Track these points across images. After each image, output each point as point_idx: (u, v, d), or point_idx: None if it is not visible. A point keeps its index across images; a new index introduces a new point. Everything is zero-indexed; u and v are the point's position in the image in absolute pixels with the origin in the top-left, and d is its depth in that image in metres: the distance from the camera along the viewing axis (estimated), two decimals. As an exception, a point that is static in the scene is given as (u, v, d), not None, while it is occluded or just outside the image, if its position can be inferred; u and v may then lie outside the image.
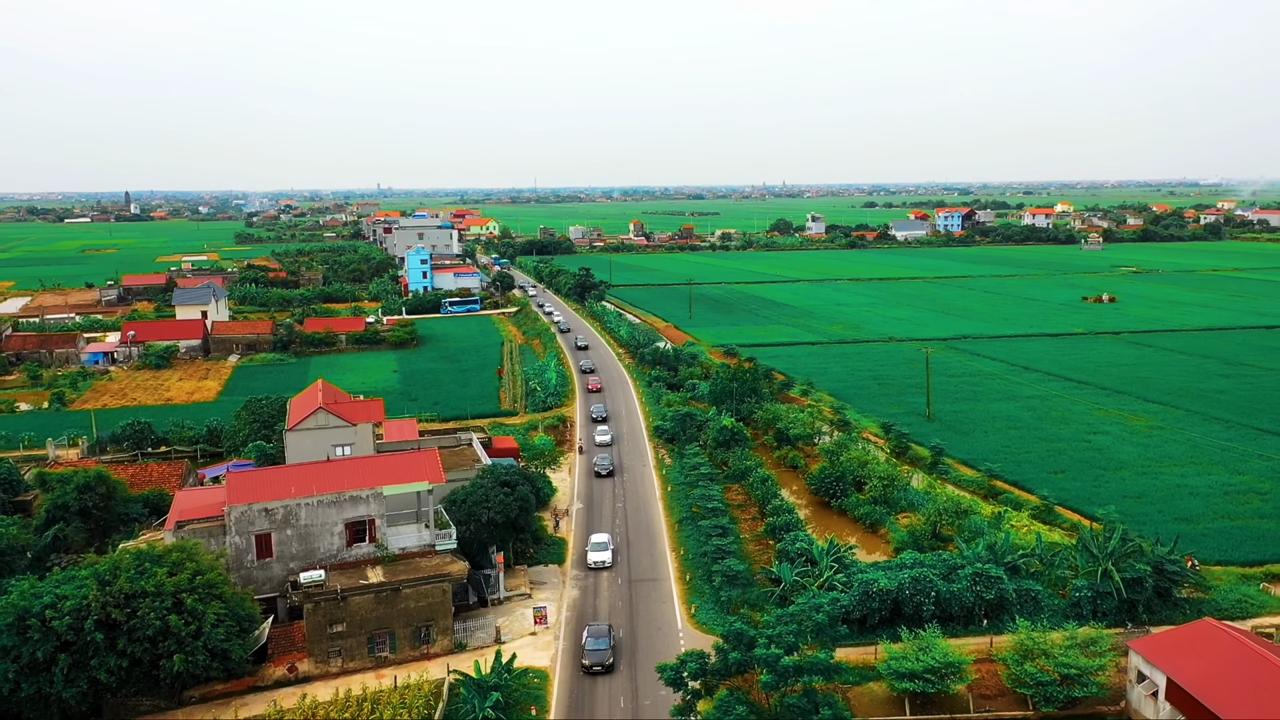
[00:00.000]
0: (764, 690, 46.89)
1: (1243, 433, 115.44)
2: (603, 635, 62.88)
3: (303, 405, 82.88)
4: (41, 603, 53.29)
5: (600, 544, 78.62)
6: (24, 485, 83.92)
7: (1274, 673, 50.09)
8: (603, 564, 76.45)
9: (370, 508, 66.04)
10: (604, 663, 60.85)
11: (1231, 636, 54.39)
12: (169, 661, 54.04)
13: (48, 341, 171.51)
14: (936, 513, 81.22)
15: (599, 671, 60.50)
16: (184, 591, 55.22)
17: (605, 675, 60.21)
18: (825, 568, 69.24)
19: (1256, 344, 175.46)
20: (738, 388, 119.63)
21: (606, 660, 61.01)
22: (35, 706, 53.77)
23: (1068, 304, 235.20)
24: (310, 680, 59.69)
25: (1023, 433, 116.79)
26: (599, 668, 60.61)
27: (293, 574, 63.79)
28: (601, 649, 61.60)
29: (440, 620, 63.10)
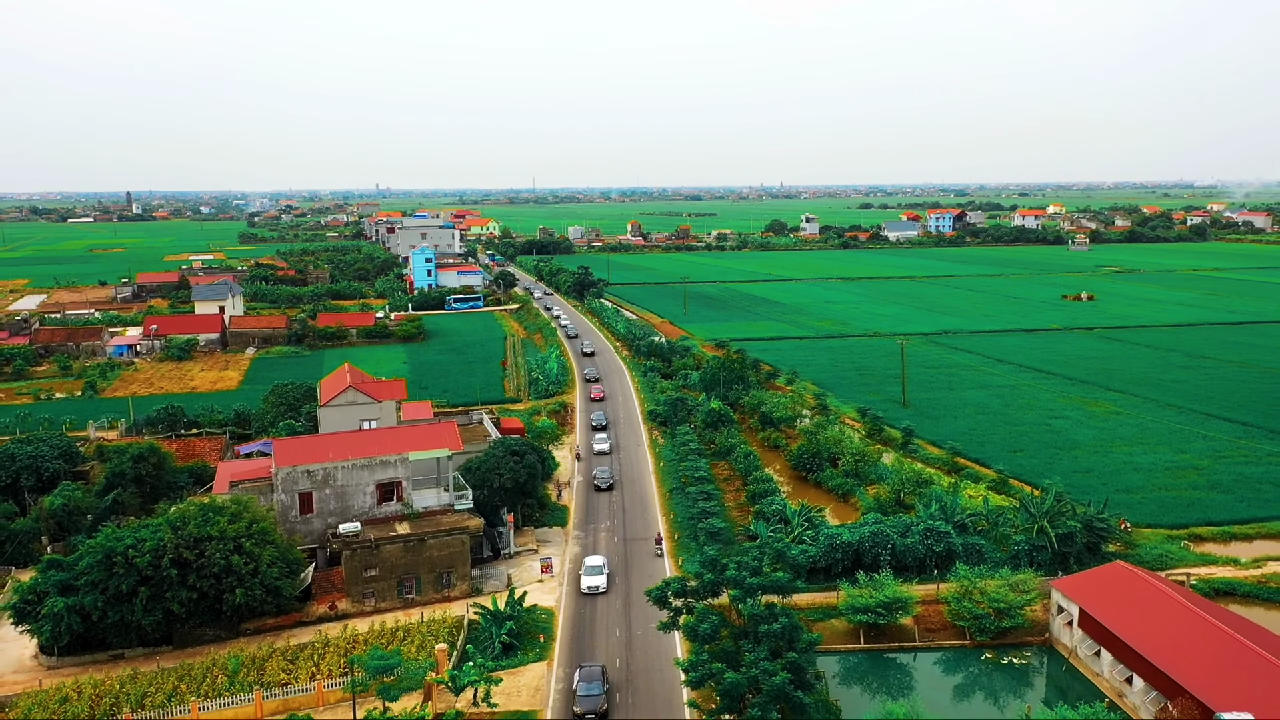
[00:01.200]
0: (733, 605, 56.14)
1: (1192, 417, 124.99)
2: (595, 679, 56.71)
3: (333, 385, 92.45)
4: (125, 544, 62.63)
5: (595, 568, 74.00)
6: (82, 457, 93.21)
7: (1166, 601, 59.60)
8: (596, 589, 71.51)
9: (397, 471, 75.47)
10: (597, 710, 54.19)
11: (1136, 575, 63.92)
12: (231, 595, 63.44)
13: (74, 335, 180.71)
14: (900, 483, 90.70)
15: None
16: (243, 537, 64.62)
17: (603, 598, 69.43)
18: (797, 525, 78.72)
19: (1221, 339, 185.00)
20: (726, 376, 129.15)
21: (600, 708, 54.36)
22: (118, 632, 63.16)
23: (1048, 302, 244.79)
24: (348, 617, 69.02)
25: (989, 417, 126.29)
26: (592, 716, 54.33)
27: (331, 528, 73.25)
28: (595, 694, 55.16)
29: (459, 568, 72.51)
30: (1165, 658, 53.64)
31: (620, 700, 57.11)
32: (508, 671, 60.22)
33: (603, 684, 56.52)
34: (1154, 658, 54.17)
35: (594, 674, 57.31)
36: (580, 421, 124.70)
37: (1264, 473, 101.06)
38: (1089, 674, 61.27)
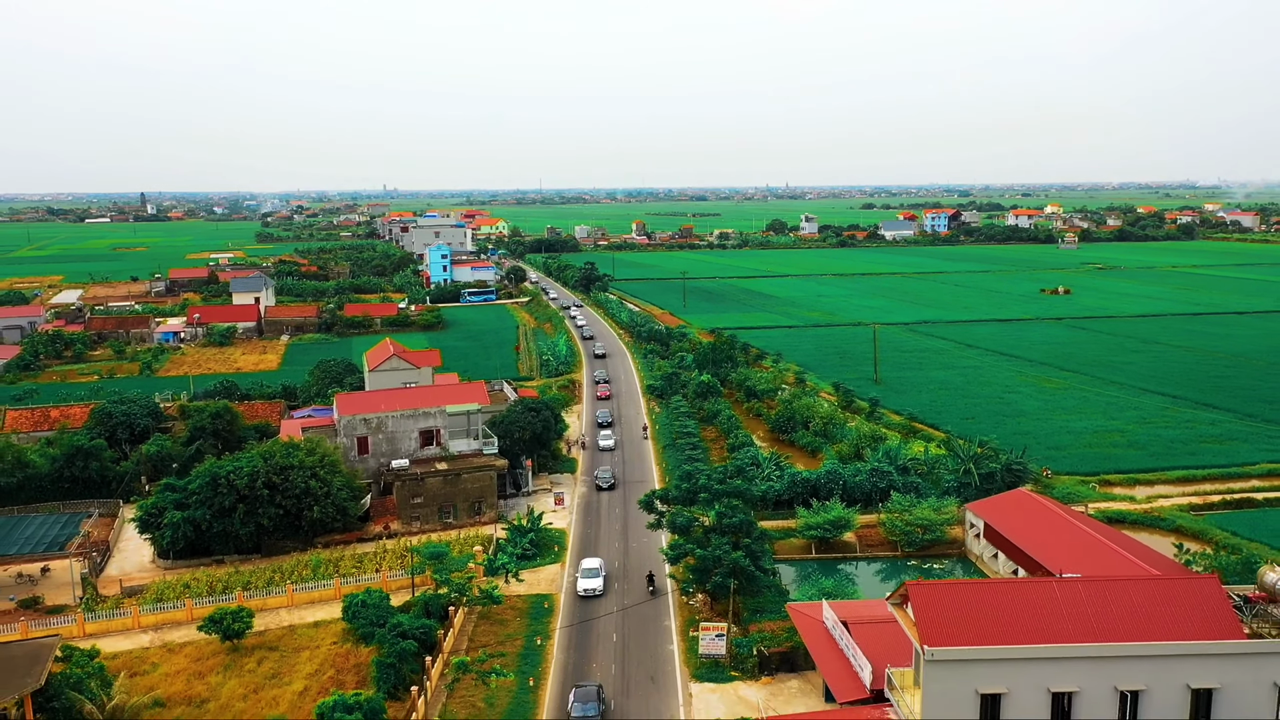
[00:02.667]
0: (702, 507, 72.03)
1: (1130, 392, 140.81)
2: (591, 699, 55.53)
3: (377, 354, 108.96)
4: (227, 469, 78.98)
5: (591, 570, 73.60)
6: (166, 417, 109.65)
7: (1050, 515, 75.42)
8: (593, 592, 71.10)
9: (436, 420, 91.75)
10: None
11: (1031, 497, 79.87)
12: (309, 512, 79.77)
13: (124, 323, 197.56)
14: (859, 439, 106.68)
15: None
16: (317, 467, 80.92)
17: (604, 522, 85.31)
18: (767, 468, 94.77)
19: (1177, 328, 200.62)
20: (716, 356, 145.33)
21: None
22: (220, 540, 79.52)
23: (1026, 295, 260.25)
24: (398, 535, 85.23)
25: (950, 392, 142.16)
26: None
27: (384, 465, 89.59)
28: (590, 716, 54.40)
29: (488, 498, 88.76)
30: (1037, 549, 69.53)
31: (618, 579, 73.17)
32: (529, 569, 76.42)
33: (598, 704, 55.01)
34: (1029, 549, 70.08)
35: (589, 694, 55.74)
36: (586, 394, 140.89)
37: (1177, 434, 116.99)
38: (989, 572, 77.23)
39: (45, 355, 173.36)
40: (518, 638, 66.00)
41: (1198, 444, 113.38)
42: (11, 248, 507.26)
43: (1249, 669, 43.21)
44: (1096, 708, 43.22)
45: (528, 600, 71.78)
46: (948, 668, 42.98)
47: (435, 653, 60.74)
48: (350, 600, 65.83)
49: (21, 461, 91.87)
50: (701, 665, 60.74)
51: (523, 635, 66.41)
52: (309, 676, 60.14)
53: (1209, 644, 43.30)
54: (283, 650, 63.92)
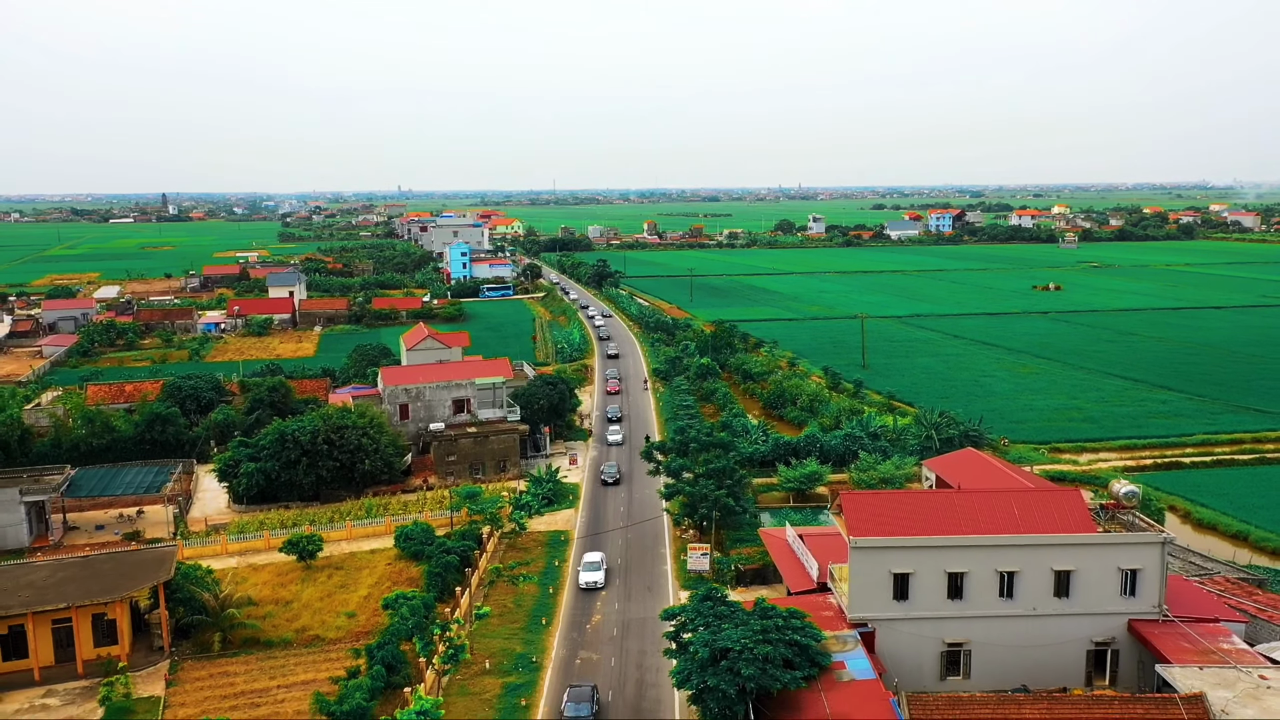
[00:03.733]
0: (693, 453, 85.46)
1: (1096, 376, 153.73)
2: (585, 699, 55.84)
3: (413, 336, 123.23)
4: (291, 428, 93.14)
5: (593, 563, 75.64)
6: (226, 391, 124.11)
7: (992, 469, 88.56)
8: (594, 584, 73.25)
9: (467, 391, 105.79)
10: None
11: (976, 454, 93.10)
12: (361, 465, 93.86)
13: (169, 315, 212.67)
14: (839, 412, 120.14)
15: None
16: (368, 427, 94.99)
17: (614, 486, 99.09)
18: (755, 435, 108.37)
19: (1155, 320, 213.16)
20: (716, 342, 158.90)
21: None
22: (286, 488, 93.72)
23: (1018, 291, 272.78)
24: (435, 487, 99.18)
25: (931, 376, 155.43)
26: None
27: (422, 429, 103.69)
28: (583, 716, 54.73)
29: (512, 457, 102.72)
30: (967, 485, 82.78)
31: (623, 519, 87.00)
32: (548, 514, 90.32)
33: (591, 705, 55.45)
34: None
35: (584, 694, 56.29)
36: (597, 377, 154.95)
37: (1129, 411, 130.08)
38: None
39: (100, 343, 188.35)
40: (539, 560, 79.90)
41: (1145, 419, 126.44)
42: (43, 246, 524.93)
43: (1098, 556, 56.55)
44: (982, 585, 56.66)
45: (546, 534, 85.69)
46: (868, 553, 56.53)
47: (473, 567, 74.68)
48: (401, 530, 79.92)
49: (109, 427, 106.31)
50: (689, 578, 74.39)
51: (543, 559, 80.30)
52: (371, 585, 74.15)
53: (1066, 536, 56.70)
54: (347, 569, 77.94)
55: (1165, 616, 56.79)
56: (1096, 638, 57.05)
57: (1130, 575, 56.72)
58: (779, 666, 48.94)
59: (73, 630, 61.86)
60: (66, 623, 61.82)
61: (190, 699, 58.57)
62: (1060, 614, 56.85)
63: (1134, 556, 56.65)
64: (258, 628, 66.05)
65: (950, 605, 56.90)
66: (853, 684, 51.09)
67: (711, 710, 48.45)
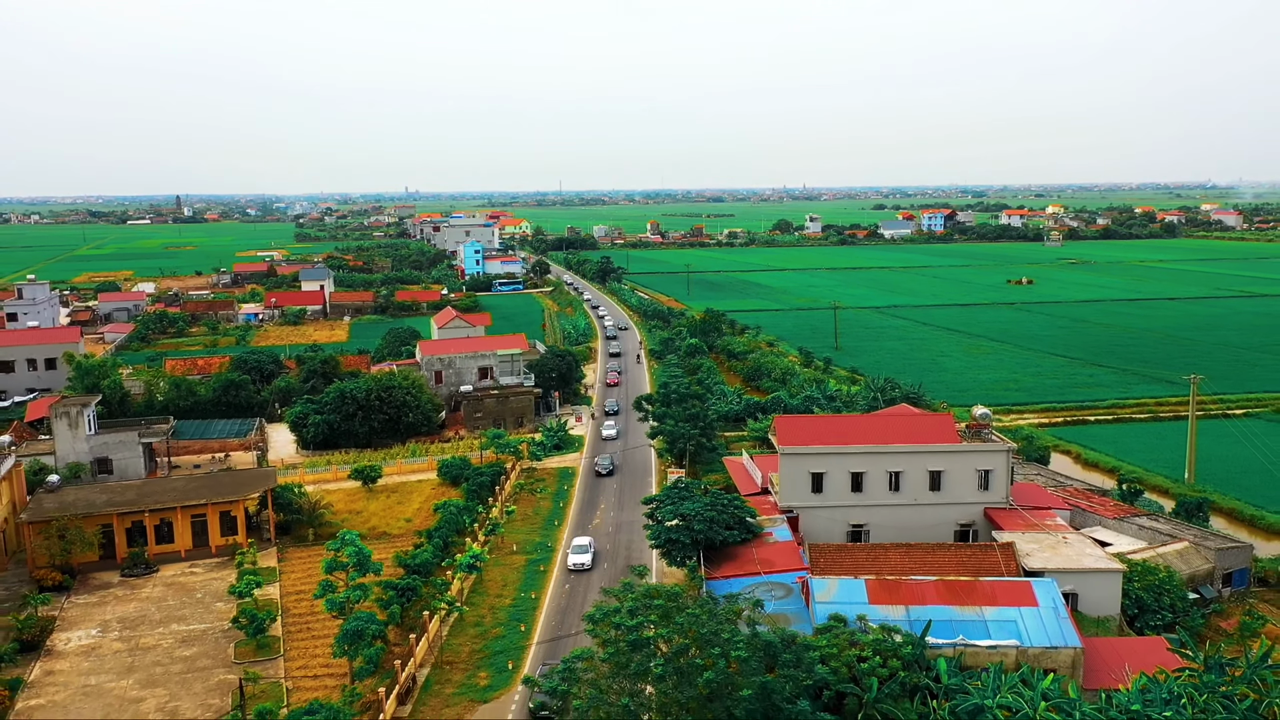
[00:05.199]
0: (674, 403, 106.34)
1: (1039, 356, 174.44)
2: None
3: (443, 317, 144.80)
4: (349, 388, 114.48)
5: (581, 546, 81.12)
6: (283, 365, 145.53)
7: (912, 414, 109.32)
8: (581, 566, 78.82)
9: (490, 361, 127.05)
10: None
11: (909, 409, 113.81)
12: (406, 417, 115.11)
13: (213, 306, 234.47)
14: (805, 382, 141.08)
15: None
16: (410, 387, 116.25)
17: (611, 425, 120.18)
18: (731, 398, 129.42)
19: (1112, 310, 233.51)
20: (705, 327, 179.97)
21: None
22: (344, 437, 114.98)
23: (993, 285, 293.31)
24: (465, 438, 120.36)
25: (894, 355, 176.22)
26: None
27: (454, 391, 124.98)
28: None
29: (528, 415, 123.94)
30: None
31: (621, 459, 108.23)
32: (558, 456, 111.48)
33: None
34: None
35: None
36: (600, 356, 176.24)
37: (1058, 383, 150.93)
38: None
39: (154, 331, 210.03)
40: (552, 486, 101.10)
41: (1070, 388, 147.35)
42: (71, 247, 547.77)
43: (960, 460, 77.40)
44: (876, 481, 77.54)
45: (557, 470, 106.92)
46: (792, 458, 77.52)
47: (501, 485, 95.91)
48: (442, 462, 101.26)
49: (192, 391, 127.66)
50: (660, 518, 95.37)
51: (555, 486, 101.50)
52: (421, 502, 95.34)
53: (938, 445, 77.62)
54: (400, 492, 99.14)
55: (1010, 505, 77.74)
56: (960, 521, 77.99)
57: (985, 474, 77.68)
58: (723, 527, 70.06)
59: (207, 523, 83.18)
60: (202, 517, 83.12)
61: (297, 570, 79.80)
62: (934, 503, 77.83)
63: (987, 461, 77.62)
64: (340, 525, 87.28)
65: (853, 497, 77.91)
66: (776, 544, 72.19)
67: (674, 557, 69.47)
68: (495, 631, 68.44)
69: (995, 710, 52.74)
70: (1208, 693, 54.24)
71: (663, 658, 43.02)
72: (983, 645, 57.16)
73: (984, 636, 57.74)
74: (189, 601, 74.10)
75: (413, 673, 61.61)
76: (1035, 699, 53.27)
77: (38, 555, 77.87)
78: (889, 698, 52.03)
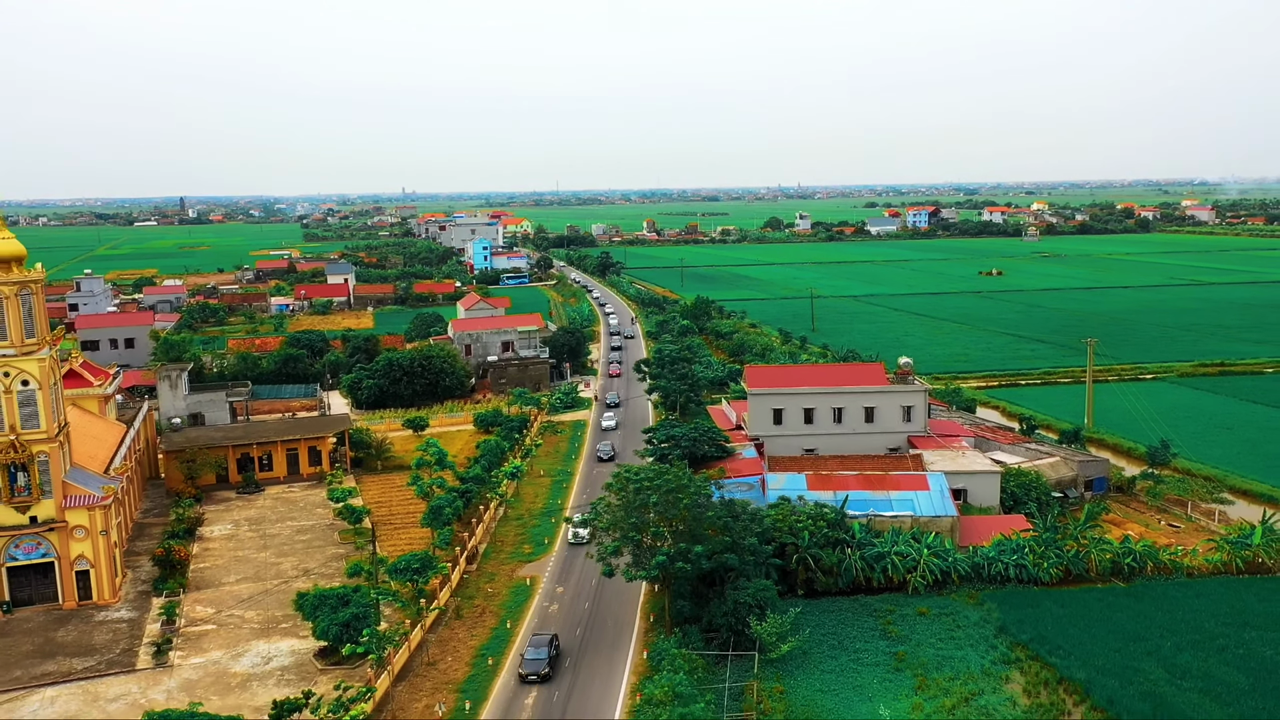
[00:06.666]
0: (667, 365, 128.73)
1: (992, 334, 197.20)
2: (542, 645, 64.06)
3: (468, 301, 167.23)
4: (396, 357, 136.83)
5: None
6: (329, 344, 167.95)
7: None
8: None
9: (511, 336, 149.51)
10: (539, 672, 62.00)
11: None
12: (443, 382, 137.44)
13: (246, 299, 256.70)
14: (780, 355, 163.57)
15: (534, 681, 61.91)
16: (446, 356, 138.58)
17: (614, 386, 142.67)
18: (716, 367, 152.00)
19: (1067, 296, 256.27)
20: (696, 310, 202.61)
21: (542, 670, 62.12)
22: (392, 398, 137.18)
23: (966, 276, 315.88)
24: (491, 400, 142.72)
25: (864, 336, 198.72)
26: (534, 677, 61.80)
27: (481, 362, 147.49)
28: (540, 658, 62.68)
29: (544, 381, 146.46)
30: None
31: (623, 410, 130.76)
32: (571, 413, 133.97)
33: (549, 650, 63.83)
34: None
35: (541, 641, 64.48)
36: (602, 336, 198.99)
37: (1001, 355, 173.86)
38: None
39: (197, 320, 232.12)
40: (567, 435, 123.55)
41: (1011, 360, 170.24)
42: (88, 248, 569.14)
43: (888, 398, 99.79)
44: (824, 415, 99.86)
45: (571, 422, 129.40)
46: (759, 397, 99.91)
47: (528, 429, 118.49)
48: (477, 414, 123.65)
49: (256, 363, 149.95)
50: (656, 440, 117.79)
51: (570, 432, 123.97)
52: (463, 444, 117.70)
53: (870, 387, 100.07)
54: (445, 437, 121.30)
55: (928, 434, 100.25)
56: (889, 445, 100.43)
57: (908, 409, 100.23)
58: (704, 445, 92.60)
59: (298, 455, 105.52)
60: (294, 450, 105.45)
61: (371, 490, 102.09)
62: (868, 432, 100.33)
63: (909, 399, 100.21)
64: (402, 457, 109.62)
65: (806, 427, 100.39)
66: (744, 459, 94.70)
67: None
68: (533, 523, 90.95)
69: (892, 556, 75.56)
70: (1044, 546, 77.16)
71: (657, 495, 65.35)
72: (887, 515, 79.80)
73: (889, 510, 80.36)
74: (295, 508, 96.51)
75: (475, 545, 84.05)
76: (920, 549, 76.12)
77: (171, 477, 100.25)
78: (816, 545, 74.44)
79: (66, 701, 60.53)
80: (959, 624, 69.69)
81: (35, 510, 71.95)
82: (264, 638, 68.66)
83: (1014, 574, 75.32)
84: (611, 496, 68.55)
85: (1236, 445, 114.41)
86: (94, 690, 61.75)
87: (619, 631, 70.06)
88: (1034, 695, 60.16)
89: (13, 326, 70.57)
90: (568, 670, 64.39)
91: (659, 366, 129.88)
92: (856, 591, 74.41)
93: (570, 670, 64.42)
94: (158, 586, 76.10)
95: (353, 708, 53.40)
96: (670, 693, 54.84)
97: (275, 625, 70.53)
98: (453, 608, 73.40)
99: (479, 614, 72.53)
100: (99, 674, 63.57)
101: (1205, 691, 59.81)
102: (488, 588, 77.28)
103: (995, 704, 59.34)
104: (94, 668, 64.32)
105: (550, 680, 62.80)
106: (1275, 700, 58.75)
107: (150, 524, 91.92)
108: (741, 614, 64.91)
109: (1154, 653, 64.50)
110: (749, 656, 63.79)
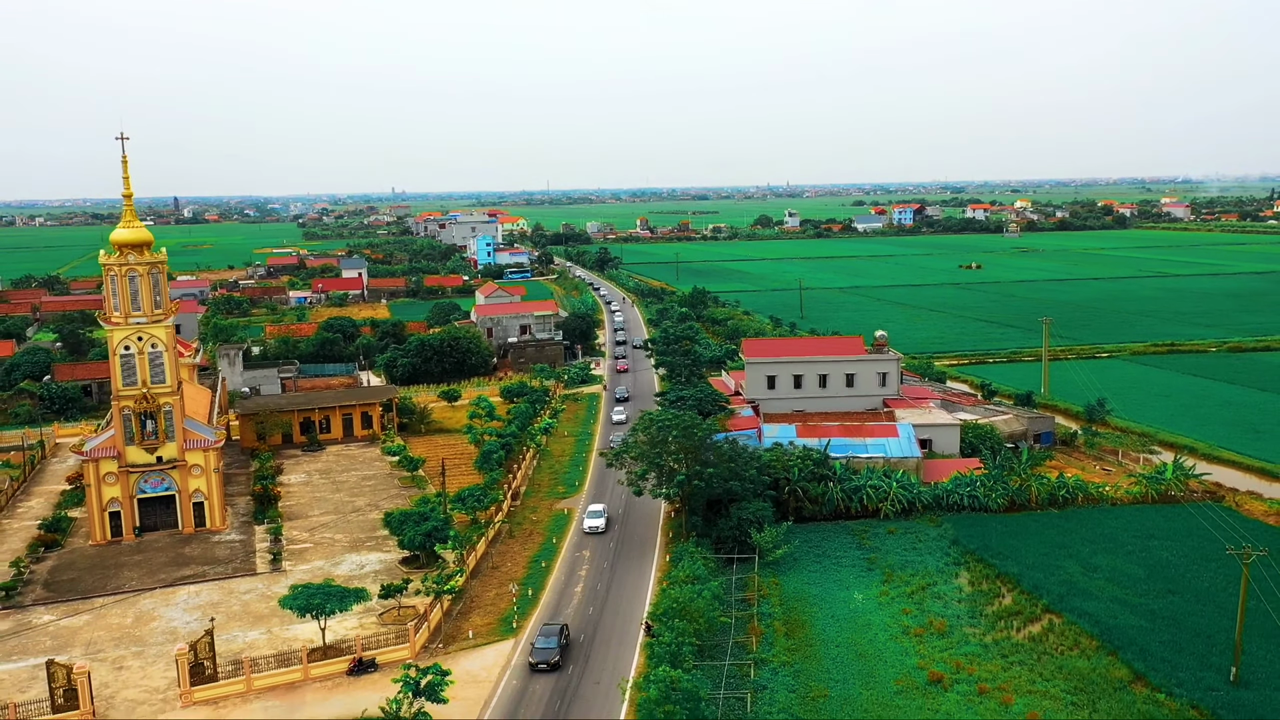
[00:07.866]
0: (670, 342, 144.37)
1: (965, 320, 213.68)
2: (553, 635, 64.32)
3: (486, 290, 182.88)
4: (426, 338, 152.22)
5: (596, 511, 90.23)
6: (359, 329, 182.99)
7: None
8: (597, 530, 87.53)
9: (528, 320, 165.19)
10: (549, 660, 62.10)
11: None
12: (468, 361, 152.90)
13: (265, 292, 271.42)
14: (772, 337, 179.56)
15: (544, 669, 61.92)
16: (471, 338, 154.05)
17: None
18: (713, 347, 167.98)
19: (1039, 287, 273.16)
20: (693, 299, 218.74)
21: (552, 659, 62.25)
22: (423, 375, 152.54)
23: (947, 269, 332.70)
24: (512, 377, 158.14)
25: (848, 323, 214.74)
26: (544, 665, 62.05)
27: (501, 343, 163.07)
28: (550, 647, 63.01)
29: (558, 360, 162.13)
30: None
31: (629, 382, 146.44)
32: (585, 388, 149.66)
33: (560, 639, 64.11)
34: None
35: (552, 631, 64.90)
36: (606, 323, 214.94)
37: (972, 338, 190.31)
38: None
39: (222, 311, 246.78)
40: (584, 405, 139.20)
41: (980, 341, 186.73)
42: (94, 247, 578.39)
43: (866, 366, 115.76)
44: (811, 381, 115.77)
45: (585, 396, 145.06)
46: (755, 365, 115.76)
47: (550, 398, 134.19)
48: (504, 387, 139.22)
49: (295, 346, 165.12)
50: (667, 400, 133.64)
51: (586, 405, 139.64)
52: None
53: (850, 357, 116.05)
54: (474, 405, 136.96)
55: (901, 397, 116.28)
56: (868, 407, 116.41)
57: (883, 376, 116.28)
58: (709, 403, 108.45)
59: (352, 419, 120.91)
60: (349, 415, 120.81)
61: (420, 448, 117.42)
62: (849, 395, 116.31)
63: (884, 367, 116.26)
64: (441, 423, 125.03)
65: (795, 392, 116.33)
66: (743, 417, 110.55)
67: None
68: (563, 471, 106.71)
69: (867, 489, 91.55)
70: (993, 481, 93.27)
71: (677, 429, 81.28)
72: (863, 456, 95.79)
73: (865, 452, 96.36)
74: (356, 462, 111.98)
75: (518, 486, 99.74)
76: (891, 483, 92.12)
77: (245, 437, 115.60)
78: (804, 479, 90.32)
79: (209, 593, 75.92)
80: (921, 539, 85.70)
81: (161, 451, 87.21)
82: (355, 551, 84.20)
83: (968, 503, 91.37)
84: (639, 435, 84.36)
85: (1172, 409, 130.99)
86: (228, 587, 77.16)
87: (644, 547, 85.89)
88: (977, 585, 76.13)
89: (145, 299, 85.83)
90: (605, 571, 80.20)
91: (664, 344, 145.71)
92: (838, 517, 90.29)
93: (609, 570, 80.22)
94: (258, 516, 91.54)
95: (448, 582, 68.96)
96: (691, 575, 70.62)
97: (362, 543, 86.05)
98: (505, 530, 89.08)
99: (528, 534, 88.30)
100: (228, 576, 78.97)
101: (1110, 579, 76.00)
102: (532, 517, 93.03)
103: (946, 591, 75.30)
104: (223, 572, 79.74)
105: (560, 669, 62.90)
106: (1163, 584, 74.96)
107: (233, 474, 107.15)
108: (744, 527, 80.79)
109: (1074, 556, 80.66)
110: (750, 560, 79.69)
